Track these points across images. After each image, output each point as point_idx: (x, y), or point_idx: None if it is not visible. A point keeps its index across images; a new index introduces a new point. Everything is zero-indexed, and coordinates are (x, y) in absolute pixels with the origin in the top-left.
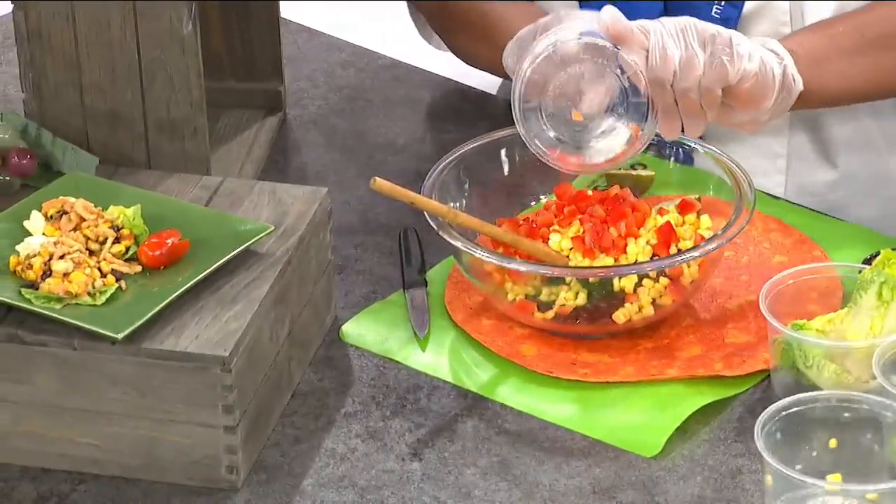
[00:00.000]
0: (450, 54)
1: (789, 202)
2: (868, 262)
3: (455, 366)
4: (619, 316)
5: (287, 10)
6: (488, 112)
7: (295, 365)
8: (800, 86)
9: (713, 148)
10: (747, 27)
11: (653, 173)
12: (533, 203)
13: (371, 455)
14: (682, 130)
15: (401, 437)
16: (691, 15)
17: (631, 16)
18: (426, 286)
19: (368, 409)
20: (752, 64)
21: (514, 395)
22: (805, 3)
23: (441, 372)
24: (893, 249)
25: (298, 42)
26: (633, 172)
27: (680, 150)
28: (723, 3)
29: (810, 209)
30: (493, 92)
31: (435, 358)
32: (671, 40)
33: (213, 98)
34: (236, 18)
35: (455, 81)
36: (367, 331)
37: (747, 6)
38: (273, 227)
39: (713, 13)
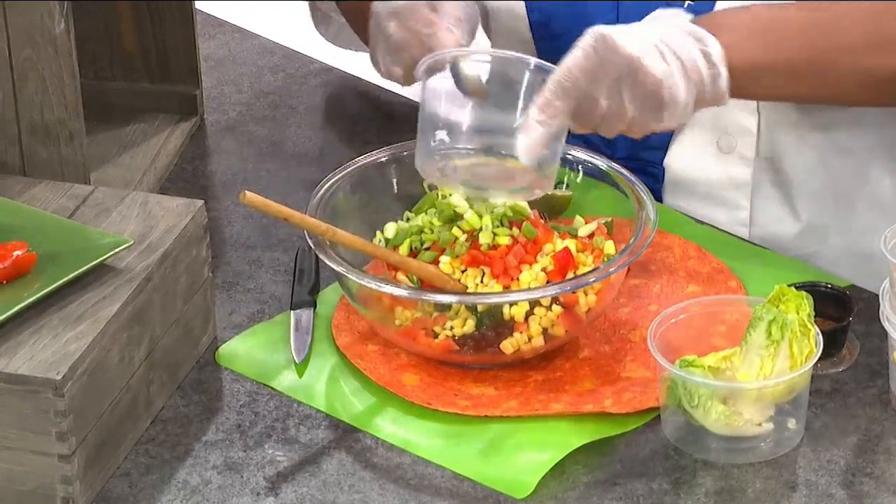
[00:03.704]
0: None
1: (714, 227)
2: None
3: (331, 394)
4: (507, 346)
5: (226, 10)
6: (415, 122)
7: (156, 389)
8: (727, 99)
9: (617, 166)
10: None
11: (570, 193)
12: None
13: (225, 488)
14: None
15: (260, 469)
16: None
17: (582, 16)
18: (314, 307)
19: (231, 439)
20: (683, 115)
21: (389, 427)
22: None
23: (315, 400)
24: (791, 285)
25: (230, 44)
26: (549, 192)
27: (585, 164)
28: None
29: (736, 236)
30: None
31: (311, 385)
32: (599, 90)
33: (125, 100)
34: (150, 17)
35: (386, 90)
36: (245, 353)
37: None
38: (132, 242)
39: (685, 4)
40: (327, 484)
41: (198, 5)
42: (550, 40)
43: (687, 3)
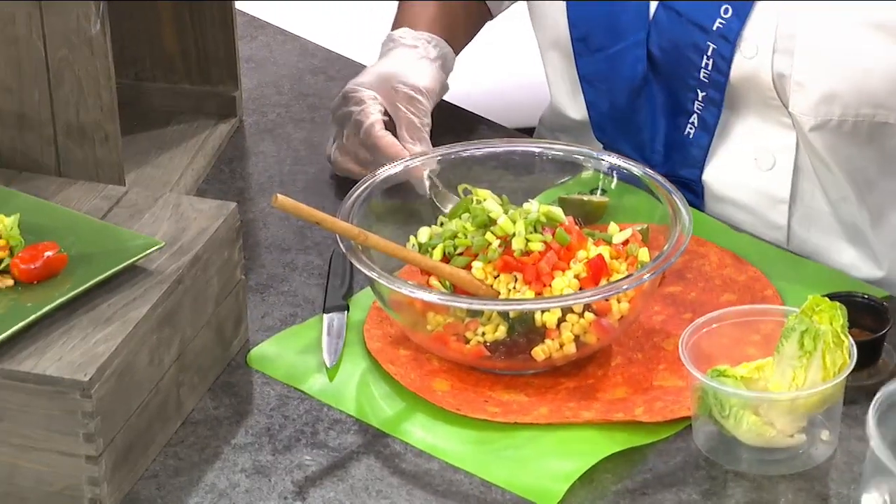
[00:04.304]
0: None
1: (752, 235)
2: None
3: (361, 398)
4: (538, 352)
5: (269, 12)
6: (454, 126)
7: (186, 391)
8: None
9: (651, 172)
10: (740, 94)
11: (606, 199)
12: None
13: (253, 492)
14: None
15: (288, 473)
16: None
17: (616, 31)
18: (347, 311)
19: (260, 442)
20: None
21: (419, 433)
22: (787, 85)
23: (345, 404)
24: (826, 296)
25: (272, 45)
26: (584, 198)
27: (620, 170)
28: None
29: (774, 245)
30: (462, 105)
31: (341, 389)
32: None
33: (165, 101)
34: (190, 19)
35: None
36: (276, 356)
37: (734, 76)
38: (163, 243)
39: (714, 27)
40: (355, 489)
41: (242, 6)
42: (590, 55)
43: (718, 21)
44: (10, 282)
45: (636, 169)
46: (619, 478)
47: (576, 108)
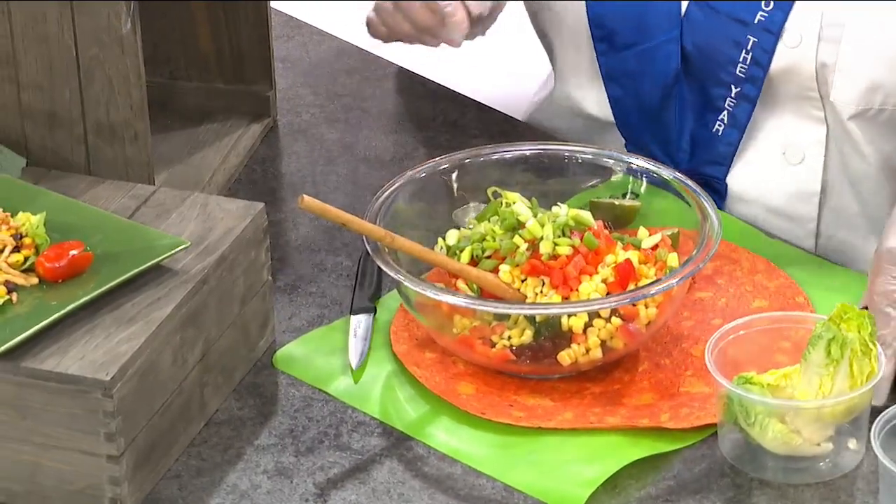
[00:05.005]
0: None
1: (785, 241)
2: None
3: (385, 401)
4: (564, 357)
5: (306, 11)
6: (488, 128)
7: (210, 392)
8: None
9: (681, 176)
10: (776, 87)
11: (638, 203)
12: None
13: (274, 493)
14: None
15: (311, 475)
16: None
17: (645, 30)
18: (374, 313)
19: (283, 443)
20: None
21: (442, 436)
22: (830, 74)
23: (369, 406)
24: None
25: (308, 45)
26: (616, 202)
27: (650, 174)
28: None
29: (808, 251)
30: (494, 107)
31: (366, 391)
32: None
33: (199, 101)
34: (225, 18)
35: (460, 94)
36: (302, 357)
37: (774, 67)
38: (189, 243)
39: (756, 20)
40: (377, 492)
41: (279, 6)
42: (615, 53)
43: (759, 14)
44: (35, 280)
45: (666, 173)
46: (643, 484)
47: (595, 105)
